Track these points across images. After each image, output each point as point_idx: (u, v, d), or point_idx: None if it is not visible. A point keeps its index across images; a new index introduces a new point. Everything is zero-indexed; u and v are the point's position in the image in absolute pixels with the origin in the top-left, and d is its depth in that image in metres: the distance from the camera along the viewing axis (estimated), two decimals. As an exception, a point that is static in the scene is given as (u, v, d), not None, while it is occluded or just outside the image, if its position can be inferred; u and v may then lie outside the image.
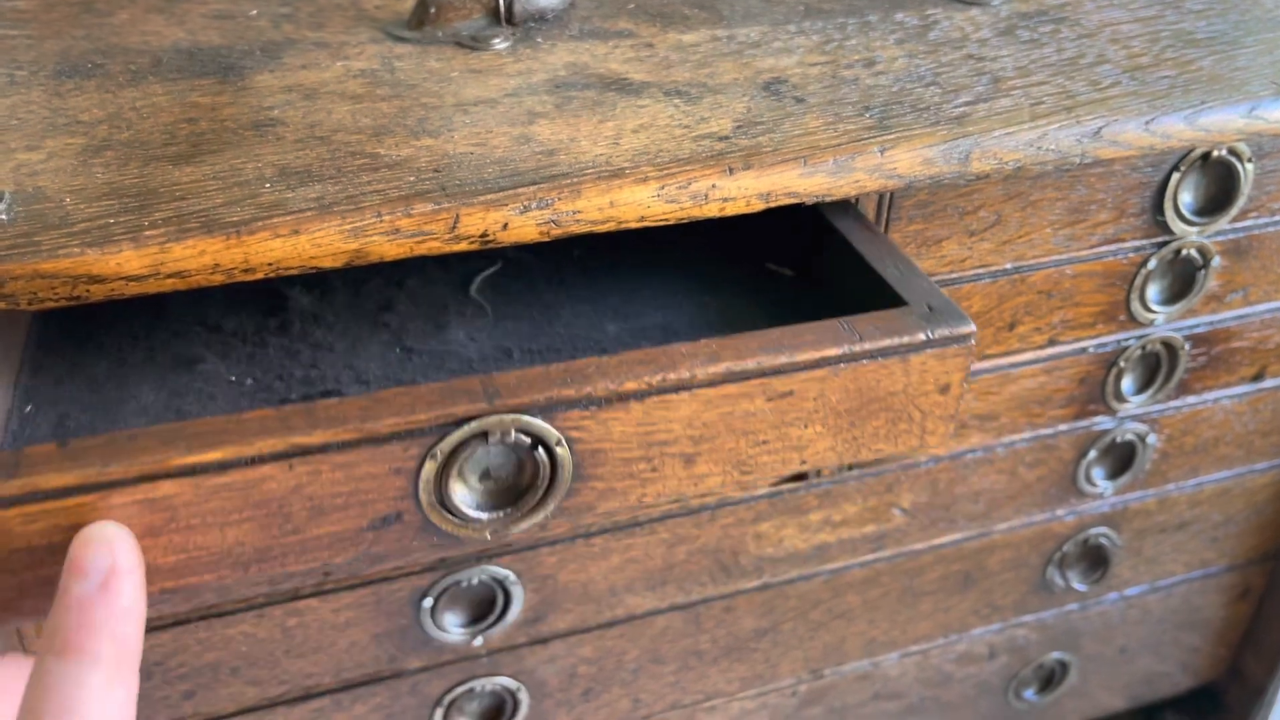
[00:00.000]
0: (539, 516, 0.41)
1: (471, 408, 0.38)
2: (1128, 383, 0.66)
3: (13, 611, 0.37)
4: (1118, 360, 0.64)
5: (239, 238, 0.40)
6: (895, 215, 0.53)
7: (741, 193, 0.46)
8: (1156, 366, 0.66)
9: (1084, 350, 0.63)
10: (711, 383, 0.41)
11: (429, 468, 0.38)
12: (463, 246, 0.44)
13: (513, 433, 0.38)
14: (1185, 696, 0.92)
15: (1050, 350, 0.62)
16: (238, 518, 0.37)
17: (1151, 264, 0.60)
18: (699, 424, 0.41)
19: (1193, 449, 0.71)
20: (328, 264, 0.42)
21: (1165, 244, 0.60)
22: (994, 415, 0.63)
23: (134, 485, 0.35)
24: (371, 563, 0.49)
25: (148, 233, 0.40)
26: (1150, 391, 0.66)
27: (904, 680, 0.75)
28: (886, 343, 0.42)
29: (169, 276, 0.40)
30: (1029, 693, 0.82)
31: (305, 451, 0.37)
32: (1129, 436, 0.68)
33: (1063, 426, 0.66)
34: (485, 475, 0.40)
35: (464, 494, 0.40)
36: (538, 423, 0.39)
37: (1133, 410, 0.67)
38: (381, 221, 0.42)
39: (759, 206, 0.47)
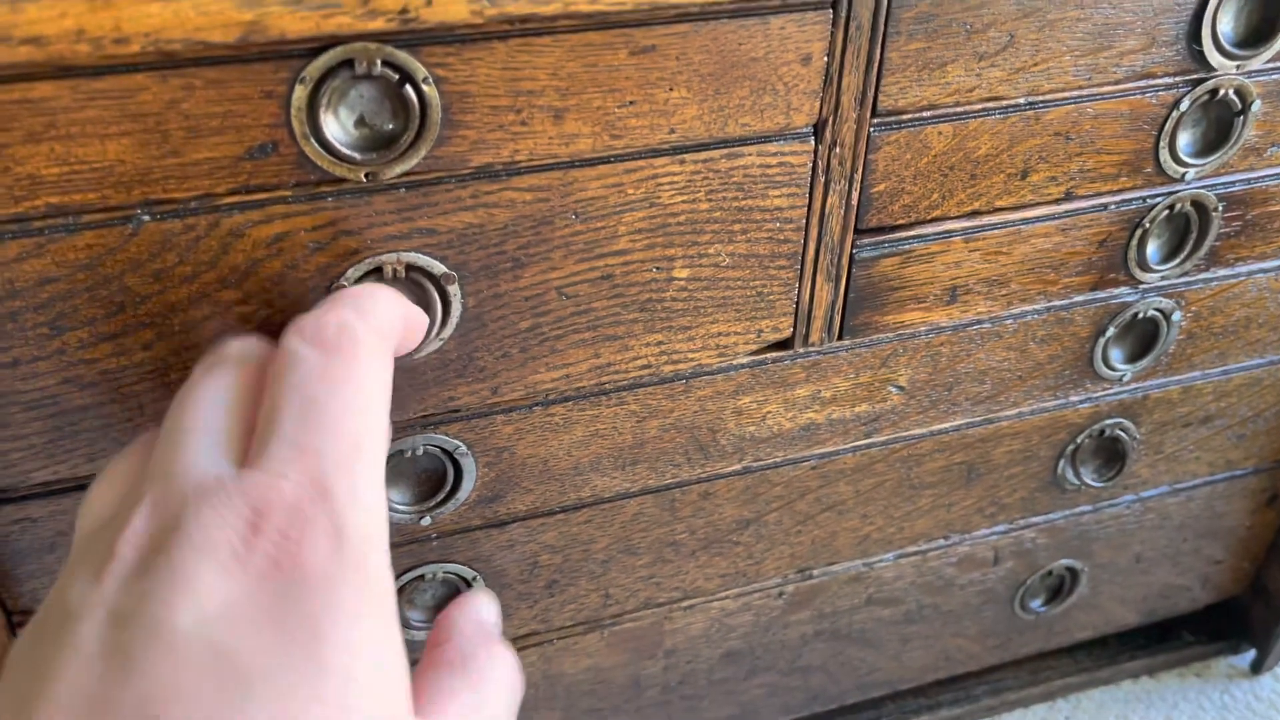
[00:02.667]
0: (412, 160, 0.42)
1: (329, 27, 0.37)
2: (1152, 248, 0.59)
3: None
4: (1142, 220, 0.57)
5: (108, -2, 0.34)
6: (893, 29, 0.46)
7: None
8: (1185, 230, 0.59)
9: (1105, 207, 0.56)
10: (573, 29, 0.41)
11: (299, 93, 0.39)
12: (379, 24, 0.37)
13: (378, 64, 0.39)
14: (1204, 614, 0.86)
15: (1067, 205, 0.55)
16: (116, 130, 0.38)
17: (1184, 105, 0.53)
18: (564, 74, 0.43)
19: (1221, 330, 0.65)
20: (217, 37, 0.36)
21: (1200, 82, 0.53)
22: (1003, 280, 0.57)
23: (11, 83, 0.36)
24: (250, 194, 0.42)
25: (-4, -12, 0.34)
26: (1177, 260, 0.60)
27: (901, 584, 0.70)
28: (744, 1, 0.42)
29: (22, 43, 0.34)
30: (1036, 603, 0.76)
31: (178, 64, 0.37)
32: (1152, 312, 0.62)
33: (1079, 297, 0.60)
34: (360, 122, 0.41)
35: (337, 131, 0.41)
36: (402, 55, 0.39)
37: (1157, 282, 0.60)
38: (281, -12, 0.36)
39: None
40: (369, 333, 0.36)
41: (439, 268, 0.46)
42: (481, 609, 0.42)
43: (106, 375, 0.44)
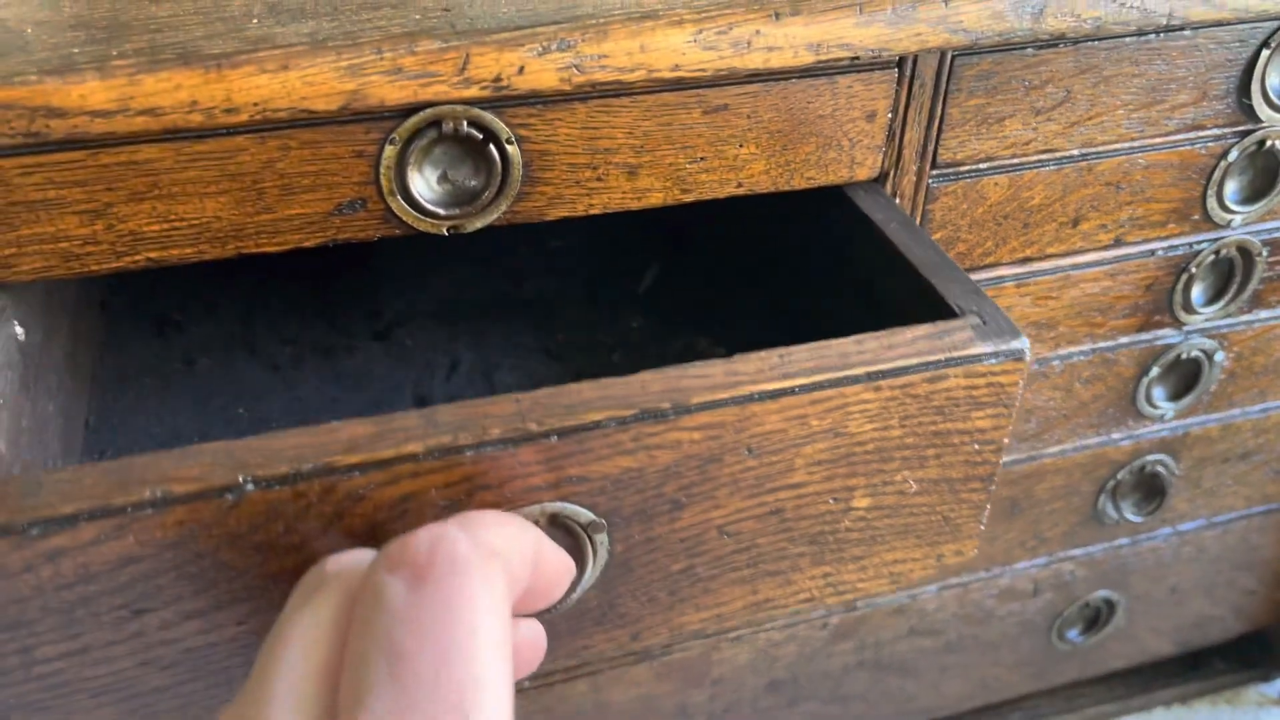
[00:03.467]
0: (493, 215, 0.43)
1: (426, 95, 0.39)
2: (1197, 291, 0.60)
3: None
4: (1188, 265, 0.58)
5: (219, 71, 0.36)
6: (954, 86, 0.48)
7: (789, 42, 0.41)
8: (1230, 275, 0.60)
9: (1153, 253, 0.57)
10: (649, 90, 0.43)
11: (389, 153, 0.41)
12: (473, 92, 0.39)
13: (464, 124, 0.41)
14: (1235, 643, 0.87)
15: (1116, 251, 0.57)
16: (214, 189, 0.40)
17: (1233, 155, 0.55)
18: (640, 133, 0.44)
19: (1262, 370, 0.66)
20: (320, 106, 0.37)
21: (1249, 133, 0.54)
22: (1052, 323, 0.58)
23: (119, 146, 0.38)
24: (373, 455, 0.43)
25: (116, 62, 0.35)
26: (1221, 303, 0.61)
27: (942, 616, 0.71)
28: (811, 59, 0.43)
29: (139, 114, 0.35)
30: (1073, 633, 0.77)
31: (276, 126, 0.39)
32: (1195, 353, 0.63)
33: (1124, 339, 0.61)
34: (444, 178, 0.43)
35: (423, 187, 0.42)
36: (488, 116, 0.41)
37: (1200, 324, 0.62)
38: (382, 59, 0.37)
39: (808, 59, 0.42)
40: (474, 550, 0.29)
41: (586, 516, 0.38)
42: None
43: (190, 654, 0.37)
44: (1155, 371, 0.63)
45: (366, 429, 0.34)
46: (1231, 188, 0.57)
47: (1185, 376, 0.65)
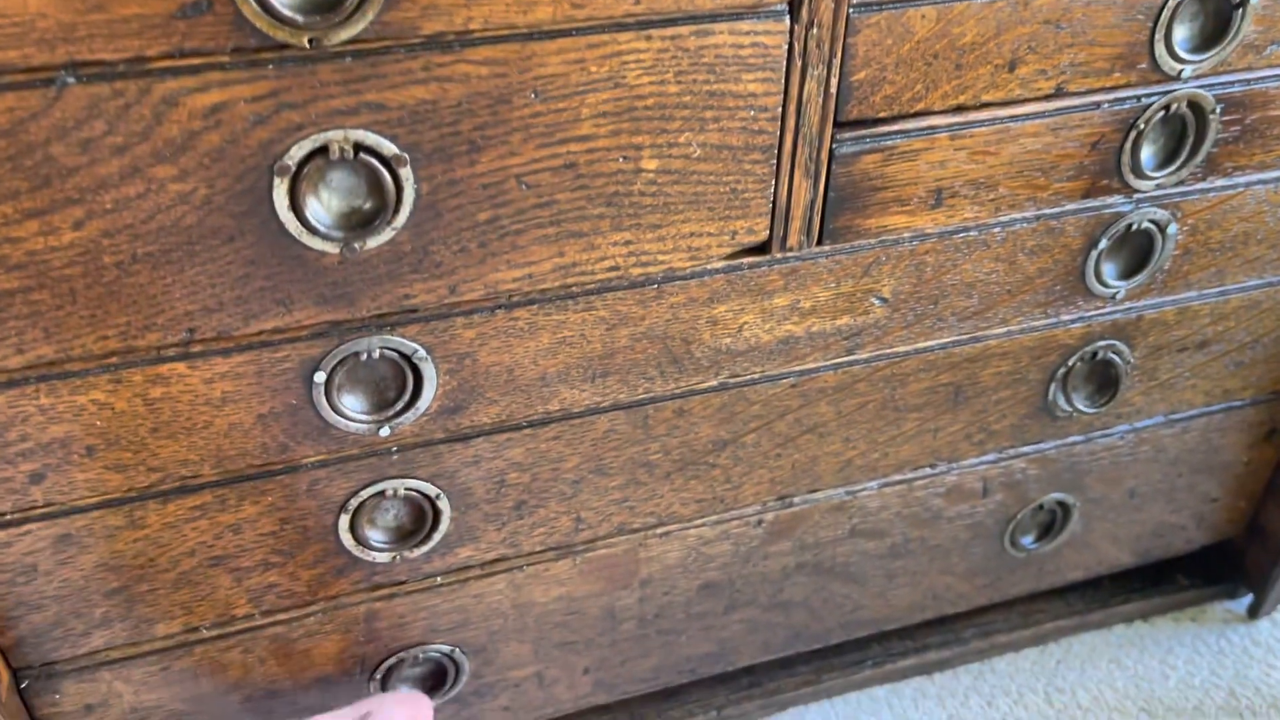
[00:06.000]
0: (359, 25, 0.40)
1: None
2: (1148, 153, 0.56)
3: None
4: (1136, 121, 0.55)
5: None
6: (872, -104, 0.44)
7: None
8: (1182, 134, 0.56)
9: (1098, 105, 0.54)
10: None
11: None
12: None
13: None
14: (1199, 557, 0.84)
15: (1058, 102, 0.53)
16: None
17: (1180, -8, 0.51)
18: None
19: (1218, 246, 0.62)
20: None
21: (1197, -32, 0.51)
22: (990, 183, 0.54)
23: None
24: (184, 58, 0.41)
25: None
26: (1173, 167, 0.57)
27: (885, 515, 0.67)
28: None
29: None
30: (1027, 539, 0.74)
31: None
32: (1146, 224, 0.59)
33: (1070, 205, 0.57)
34: None
35: None
36: None
37: (1152, 191, 0.58)
38: None
39: None
40: None
41: (389, 148, 0.43)
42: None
43: (34, 257, 0.41)
44: (1104, 244, 0.59)
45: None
46: (1181, 33, 0.53)
47: (1137, 251, 0.61)
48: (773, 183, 0.50)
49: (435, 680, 0.63)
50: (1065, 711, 0.76)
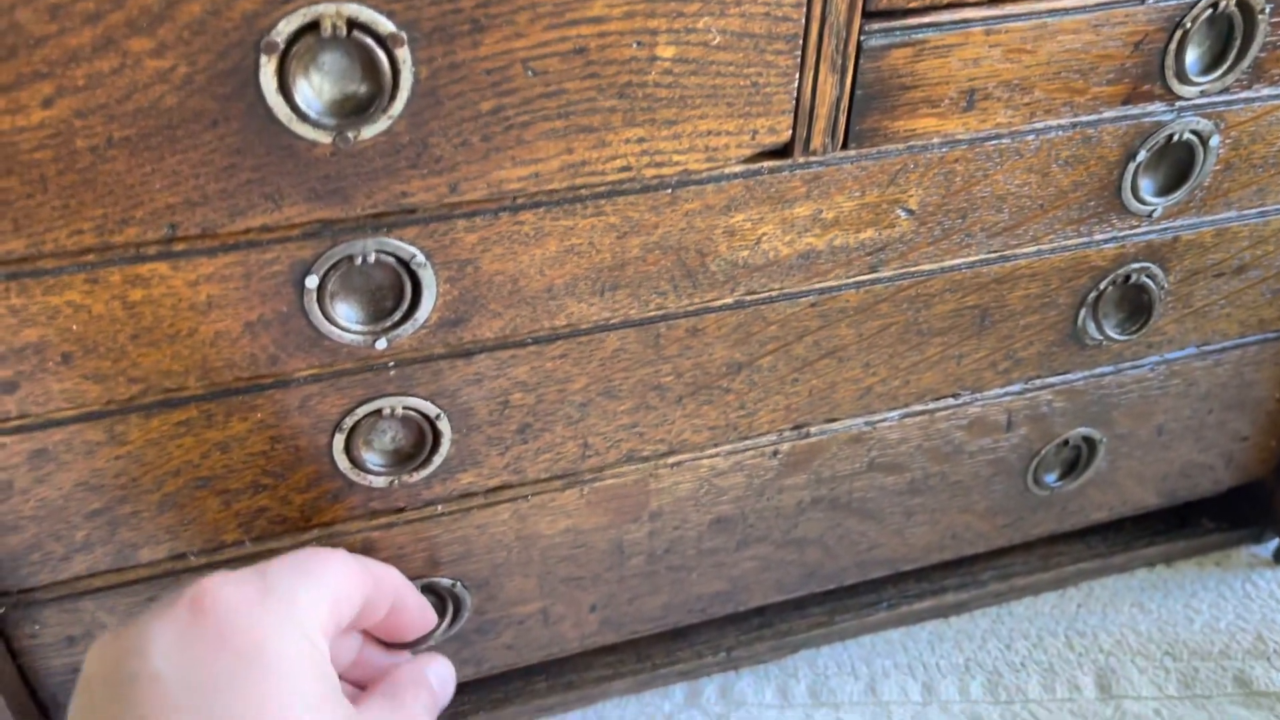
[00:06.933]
0: None
1: None
2: (1192, 56, 0.53)
3: None
4: (1182, 20, 0.51)
5: None
6: None
7: None
8: (1229, 37, 0.53)
9: (1142, 0, 0.50)
10: None
11: None
12: None
13: None
14: (1225, 500, 0.81)
15: (1100, -4, 0.50)
16: None
17: (1235, -126, 0.47)
18: None
19: (1261, 162, 0.59)
20: None
21: None
22: (1026, 85, 0.51)
23: None
24: None
25: None
26: (1219, 72, 0.54)
27: (905, 448, 0.64)
28: None
29: None
30: (1051, 477, 0.71)
31: None
32: (1188, 135, 0.56)
33: (1109, 113, 0.54)
34: None
35: None
36: None
37: (1195, 98, 0.55)
38: None
39: None
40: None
41: (386, 25, 0.40)
42: (430, 669, 0.50)
43: (1, 137, 0.38)
44: (1143, 156, 0.56)
45: None
46: (1233, -78, 0.49)
47: (1176, 166, 0.58)
48: (796, 77, 0.47)
49: (437, 616, 0.60)
50: (1087, 655, 0.73)
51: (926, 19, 0.47)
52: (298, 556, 0.45)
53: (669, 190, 0.49)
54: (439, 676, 0.50)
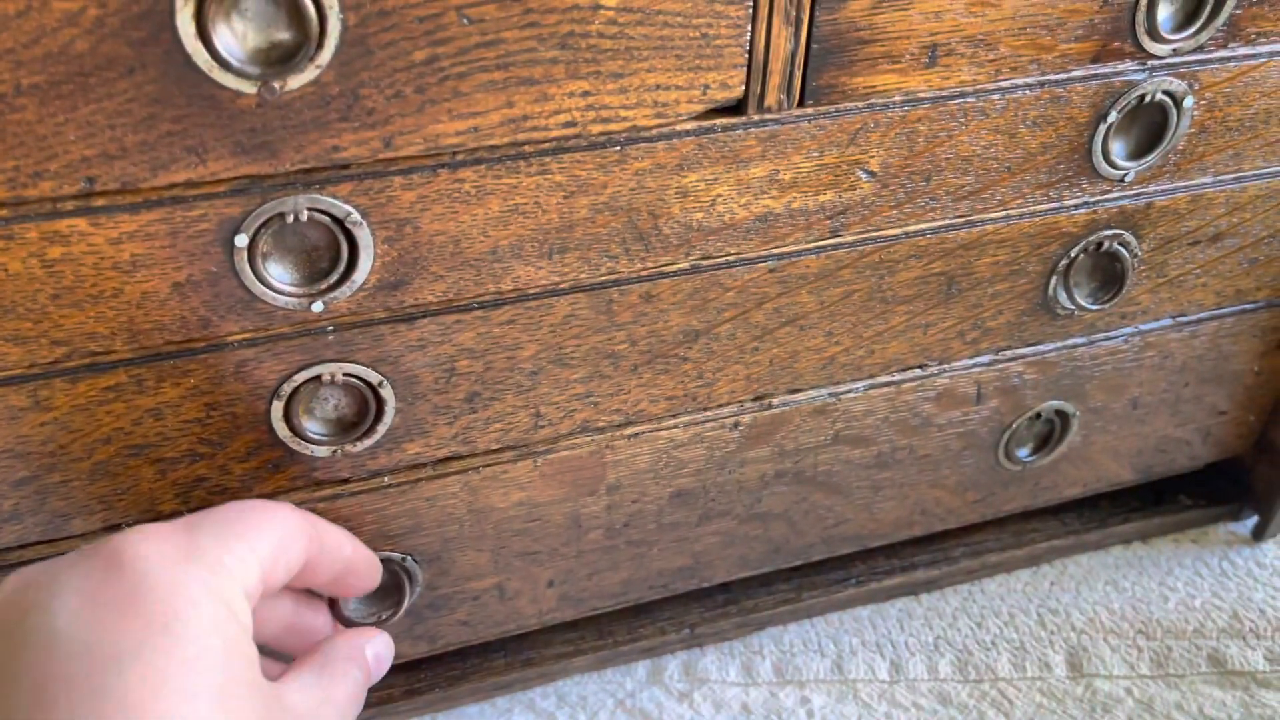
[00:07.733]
0: None
1: None
2: (1165, 12, 0.51)
3: None
4: (1153, -27, 0.49)
5: None
6: None
7: None
8: (1202, -9, 0.51)
9: (1111, -48, 0.48)
10: None
11: None
12: None
13: None
14: (1202, 476, 0.80)
15: (1067, -53, 0.48)
16: None
17: None
18: None
19: (1237, 125, 0.57)
20: None
21: None
22: (991, 40, 0.49)
23: None
24: None
25: None
26: (1193, 29, 0.52)
27: (871, 420, 0.63)
28: None
29: None
30: (1023, 452, 0.69)
31: None
32: (1160, 96, 0.54)
33: (1078, 72, 0.52)
34: None
35: None
36: None
37: (1168, 56, 0.53)
38: None
39: None
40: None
41: None
42: (369, 645, 0.49)
43: None
44: (1114, 117, 0.54)
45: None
46: None
47: (1149, 128, 0.56)
48: (749, 29, 0.45)
49: (387, 591, 0.58)
50: (1058, 633, 0.72)
51: (885, -31, 0.46)
52: (238, 509, 0.43)
53: (617, 148, 0.47)
54: (376, 655, 0.48)
